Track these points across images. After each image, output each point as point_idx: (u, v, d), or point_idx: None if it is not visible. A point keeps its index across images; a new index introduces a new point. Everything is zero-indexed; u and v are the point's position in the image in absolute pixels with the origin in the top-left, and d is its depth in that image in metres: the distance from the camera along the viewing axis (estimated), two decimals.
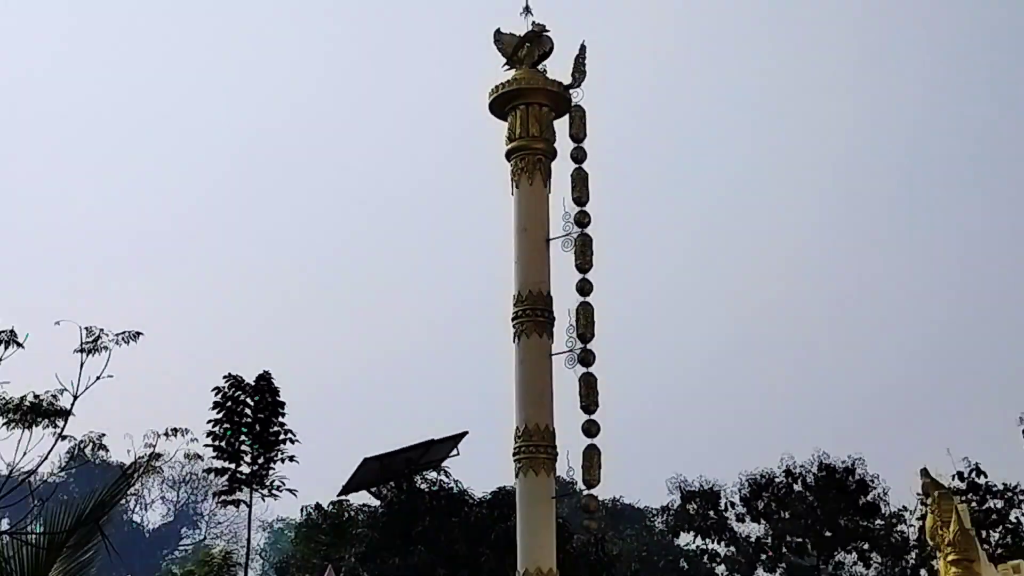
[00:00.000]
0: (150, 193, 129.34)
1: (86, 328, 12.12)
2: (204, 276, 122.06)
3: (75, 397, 12.08)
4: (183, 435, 13.83)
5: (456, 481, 26.65)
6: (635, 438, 69.03)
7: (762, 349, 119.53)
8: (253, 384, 28.44)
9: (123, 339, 12.23)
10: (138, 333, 12.33)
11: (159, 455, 13.71)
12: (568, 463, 19.55)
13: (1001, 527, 37.48)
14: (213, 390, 28.38)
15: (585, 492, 19.22)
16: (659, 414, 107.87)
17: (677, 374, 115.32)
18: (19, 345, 11.89)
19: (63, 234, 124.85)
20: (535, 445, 18.52)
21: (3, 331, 11.84)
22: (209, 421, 27.77)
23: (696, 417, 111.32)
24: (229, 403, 28.12)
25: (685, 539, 48.53)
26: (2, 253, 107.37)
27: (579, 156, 20.04)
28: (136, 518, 75.65)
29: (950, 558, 9.55)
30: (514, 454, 18.70)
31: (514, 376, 18.95)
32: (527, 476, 18.54)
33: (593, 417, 18.84)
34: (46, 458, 12.03)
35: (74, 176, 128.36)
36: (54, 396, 12.11)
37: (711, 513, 47.37)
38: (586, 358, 18.88)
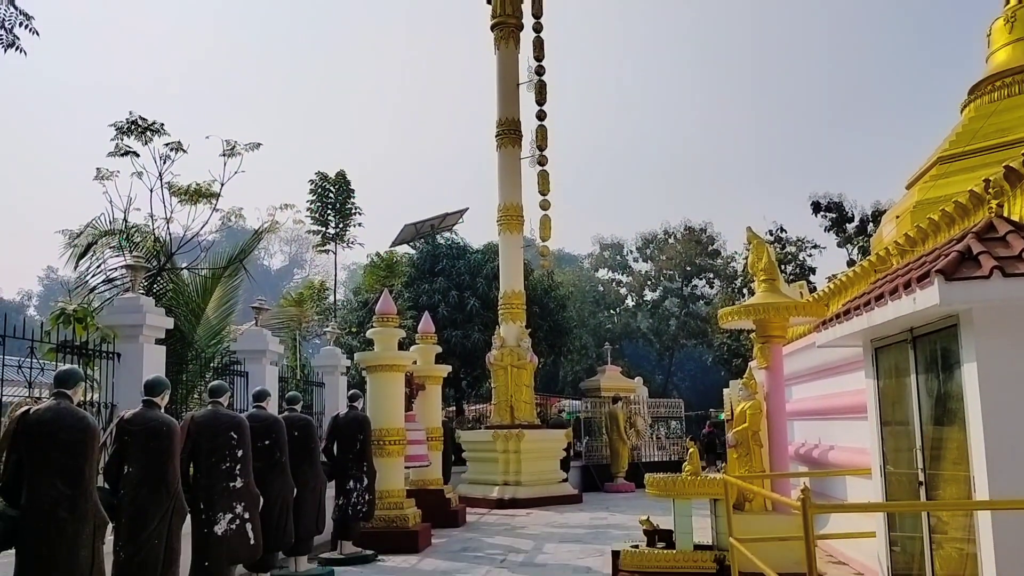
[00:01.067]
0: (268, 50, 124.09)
1: (225, 140, 11.90)
2: (300, 107, 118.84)
3: (222, 185, 11.96)
4: (291, 208, 13.85)
5: (462, 238, 26.54)
6: (573, 210, 69.47)
7: (649, 156, 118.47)
8: (334, 178, 28.07)
9: (250, 147, 12.00)
10: (259, 144, 12.08)
11: (277, 221, 13.72)
12: (531, 226, 19.90)
13: (793, 263, 38.22)
14: (309, 181, 28.07)
15: (540, 244, 19.57)
16: (588, 195, 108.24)
17: (598, 168, 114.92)
18: (184, 151, 11.68)
19: (209, 71, 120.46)
20: (510, 215, 18.67)
21: (174, 141, 11.61)
22: (307, 200, 27.61)
23: (609, 196, 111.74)
24: (319, 189, 27.79)
25: (602, 273, 49.56)
26: (172, 87, 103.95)
27: (538, 28, 19.37)
28: (265, 262, 76.21)
29: (761, 279, 9.73)
30: (497, 221, 18.86)
31: (497, 173, 18.87)
32: (505, 234, 18.78)
33: (546, 198, 18.93)
34: (206, 223, 12.01)
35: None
36: (209, 184, 11.99)
37: (618, 257, 48.62)
38: (542, 160, 18.80)
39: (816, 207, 37.38)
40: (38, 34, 7.37)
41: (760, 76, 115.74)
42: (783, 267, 35.59)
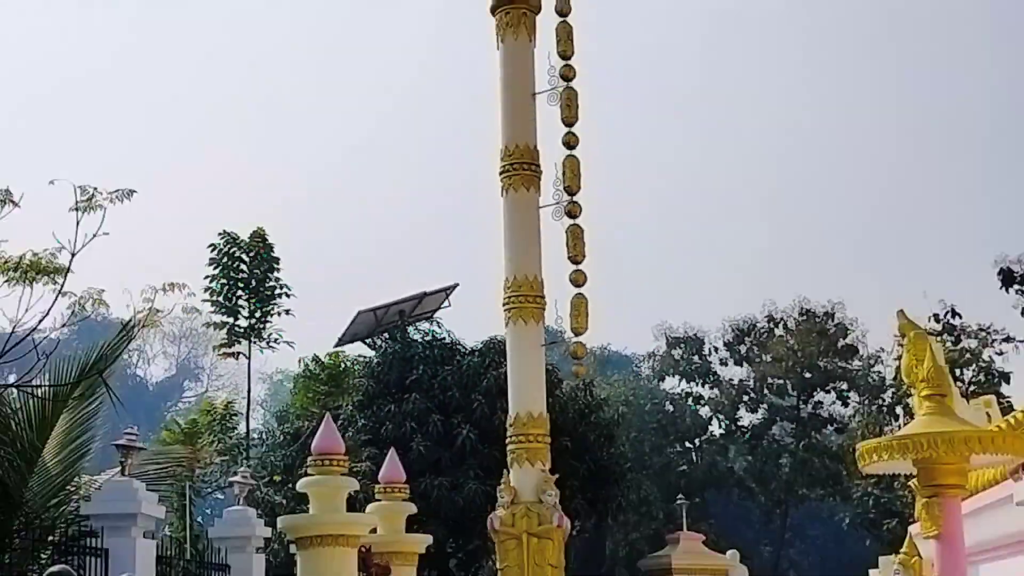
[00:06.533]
0: (144, 57, 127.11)
1: (79, 187, 12.03)
2: (197, 136, 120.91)
3: (72, 255, 12.03)
4: (180, 290, 13.88)
5: (448, 331, 27.00)
6: (622, 287, 69.21)
7: (744, 197, 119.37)
8: (248, 240, 28.43)
9: (117, 197, 12.12)
10: (132, 191, 12.20)
11: (158, 310, 13.77)
12: (556, 312, 19.66)
13: (975, 366, 37.92)
14: (209, 246, 28.43)
15: (573, 339, 19.42)
16: (645, 263, 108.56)
17: (661, 224, 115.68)
18: (15, 204, 11.81)
19: (54, 94, 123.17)
20: (524, 295, 18.58)
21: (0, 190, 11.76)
22: (206, 276, 27.91)
23: (681, 265, 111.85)
24: (225, 258, 28.18)
25: (670, 383, 49.04)
26: None
27: (564, 9, 19.75)
28: (139, 372, 76.24)
29: (924, 393, 9.67)
30: (504, 304, 18.77)
31: (503, 228, 18.97)
32: (517, 325, 18.64)
33: (580, 267, 18.88)
34: (47, 314, 12.03)
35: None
36: (52, 254, 12.06)
37: (695, 358, 47.83)
38: (572, 210, 18.81)
39: (1007, 277, 36.52)
40: None
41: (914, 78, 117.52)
42: (959, 372, 35.29)
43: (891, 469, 10.14)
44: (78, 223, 11.95)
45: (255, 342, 28.27)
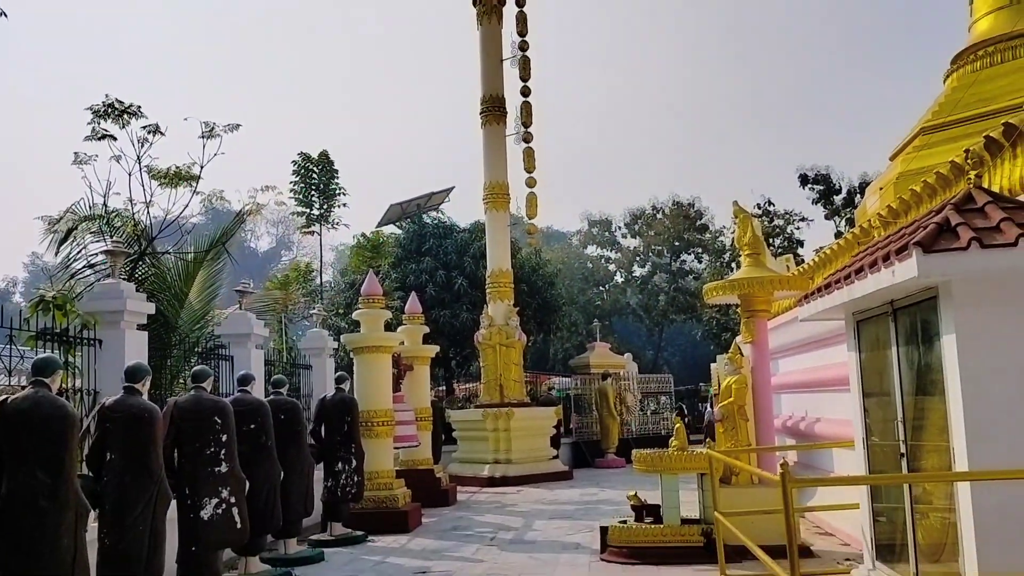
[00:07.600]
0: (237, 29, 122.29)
1: (204, 122, 11.81)
2: (283, 83, 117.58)
3: (202, 167, 11.92)
4: (273, 190, 13.82)
5: (448, 217, 26.45)
6: (559, 187, 69.05)
7: (636, 129, 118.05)
8: (317, 158, 28.05)
9: (229, 129, 11.90)
10: (238, 125, 11.97)
11: (259, 204, 13.68)
12: (517, 204, 19.83)
13: (781, 236, 38.26)
14: (292, 162, 28.07)
15: (527, 222, 19.54)
16: (575, 172, 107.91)
17: (585, 144, 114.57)
18: (162, 134, 11.56)
19: (180, 51, 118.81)
20: (496, 193, 18.63)
21: (151, 124, 11.48)
22: (291, 181, 27.63)
23: (597, 172, 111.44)
24: (302, 170, 27.85)
25: (590, 250, 49.21)
26: (144, 72, 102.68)
27: (521, 2, 19.21)
28: (251, 244, 75.76)
29: (746, 253, 9.75)
30: (483, 199, 18.82)
31: (482, 151, 18.79)
32: (492, 212, 18.74)
33: (532, 175, 18.87)
34: (187, 206, 11.94)
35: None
36: (188, 167, 11.90)
37: (606, 233, 48.14)
38: (527, 137, 18.73)
39: (803, 179, 37.37)
40: (5, 15, 7.25)
41: (746, 49, 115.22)
42: (771, 240, 35.68)
43: (726, 301, 10.29)
44: (204, 146, 11.79)
45: (324, 225, 28.11)
